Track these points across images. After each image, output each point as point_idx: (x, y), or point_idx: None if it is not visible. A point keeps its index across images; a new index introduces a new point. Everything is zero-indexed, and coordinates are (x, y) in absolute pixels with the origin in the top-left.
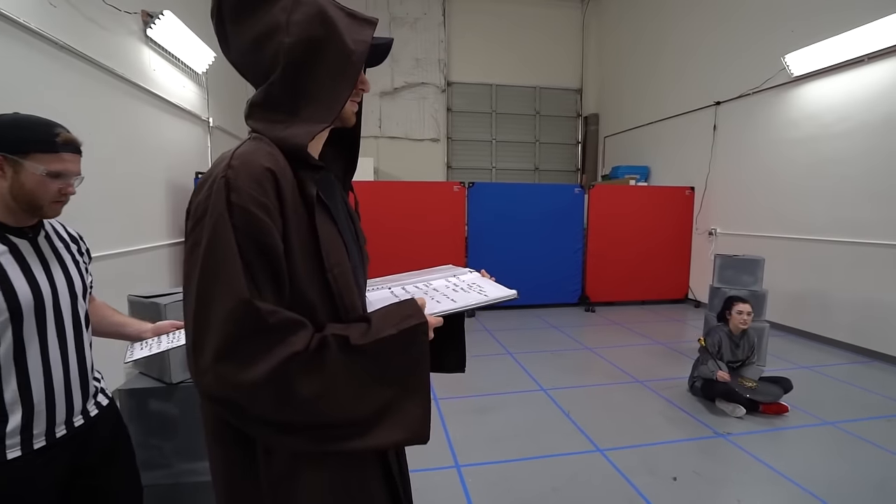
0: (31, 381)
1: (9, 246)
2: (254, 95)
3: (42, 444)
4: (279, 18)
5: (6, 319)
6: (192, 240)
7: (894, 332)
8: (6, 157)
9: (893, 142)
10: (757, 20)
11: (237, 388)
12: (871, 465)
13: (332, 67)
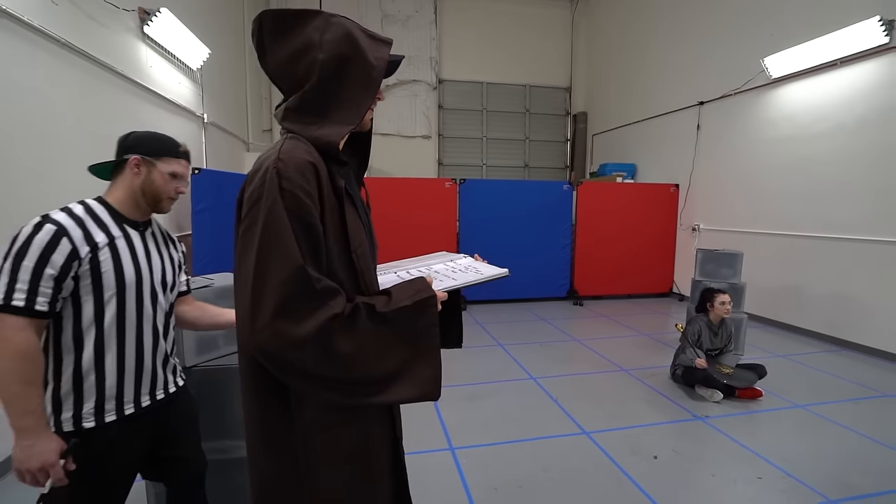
0: (126, 352)
1: (124, 234)
2: (288, 101)
3: (131, 412)
4: (313, 37)
5: (112, 295)
6: (248, 221)
7: (864, 323)
8: (144, 159)
9: (867, 142)
10: (738, 23)
11: (289, 342)
12: (836, 443)
13: (357, 80)
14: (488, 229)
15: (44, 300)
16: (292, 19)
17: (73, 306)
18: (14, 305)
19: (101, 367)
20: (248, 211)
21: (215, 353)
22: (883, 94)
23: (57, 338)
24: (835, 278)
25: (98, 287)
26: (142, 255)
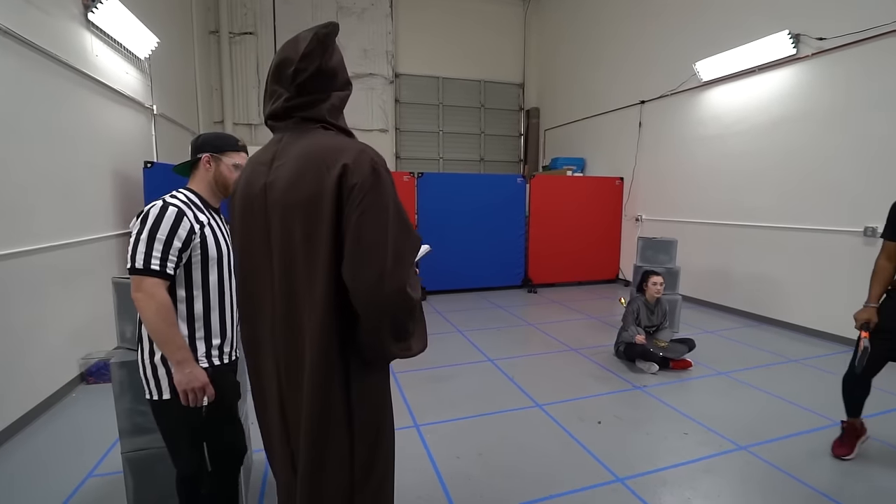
0: (224, 311)
1: (210, 217)
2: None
3: (227, 361)
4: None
5: (213, 263)
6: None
7: (779, 300)
8: (212, 156)
9: (780, 140)
10: (674, 29)
11: (413, 303)
12: (749, 402)
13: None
14: (446, 222)
15: (171, 266)
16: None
17: (185, 272)
18: (153, 269)
19: (208, 321)
20: (364, 196)
21: None
22: (791, 98)
23: (174, 297)
24: (754, 261)
25: (204, 257)
26: (220, 234)
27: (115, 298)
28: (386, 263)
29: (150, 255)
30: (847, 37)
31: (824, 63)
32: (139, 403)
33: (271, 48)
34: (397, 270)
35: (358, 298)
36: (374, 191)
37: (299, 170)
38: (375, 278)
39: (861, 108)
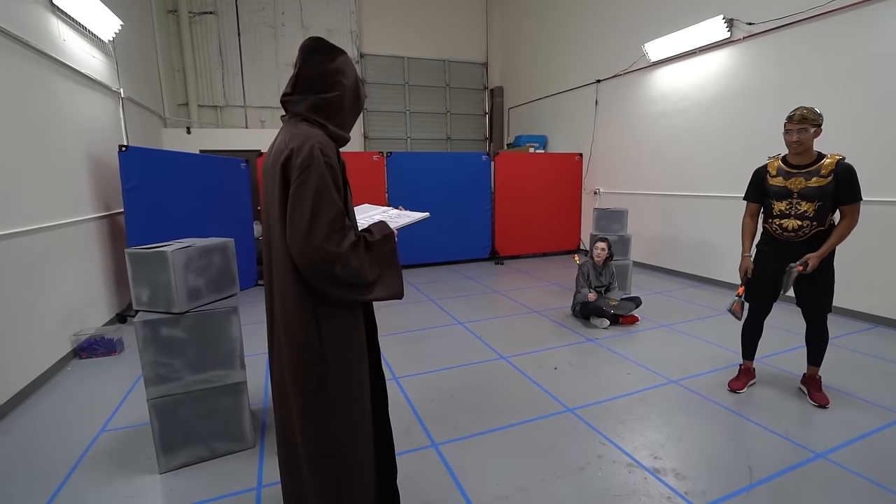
0: None
1: None
2: (313, 100)
3: None
4: (342, 67)
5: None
6: (301, 178)
7: (720, 262)
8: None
9: (719, 117)
10: (625, 12)
11: (331, 256)
12: (684, 348)
13: (356, 106)
14: (416, 199)
15: None
16: (332, 48)
17: None
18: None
19: None
20: (300, 172)
21: (201, 302)
22: (727, 78)
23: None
24: (698, 228)
25: None
26: None
27: (130, 268)
28: (303, 227)
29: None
30: (772, 22)
31: (754, 46)
32: (161, 356)
33: (233, 28)
34: (312, 234)
35: (292, 253)
36: (305, 170)
37: (274, 151)
38: (299, 239)
39: (785, 86)
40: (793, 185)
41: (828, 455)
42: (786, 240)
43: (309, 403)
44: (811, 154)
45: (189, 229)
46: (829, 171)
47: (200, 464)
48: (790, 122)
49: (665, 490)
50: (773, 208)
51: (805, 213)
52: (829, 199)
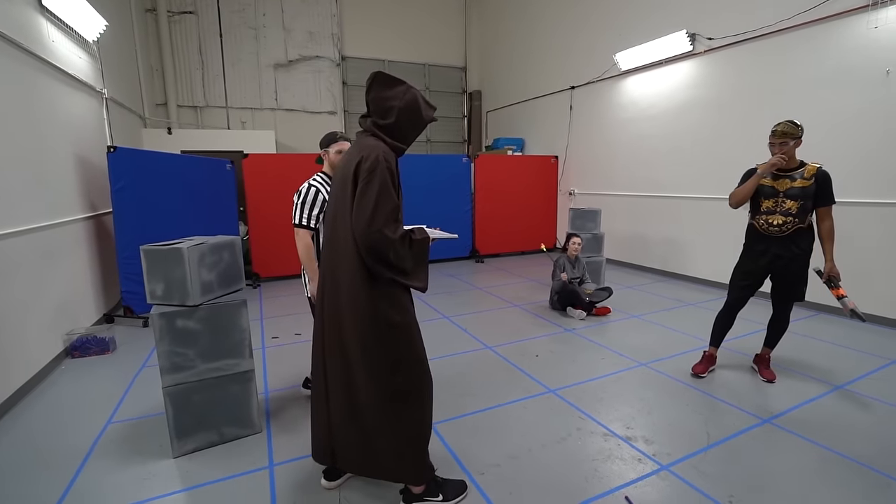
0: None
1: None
2: (377, 120)
3: None
4: (398, 94)
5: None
6: (368, 178)
7: (684, 258)
8: (325, 150)
9: (683, 123)
10: (598, 21)
11: (387, 240)
12: (652, 335)
13: (414, 125)
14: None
15: (314, 222)
16: (392, 80)
17: (323, 224)
18: (303, 224)
19: None
20: (368, 174)
21: (212, 295)
22: (691, 88)
23: (317, 239)
24: (666, 227)
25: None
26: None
27: (145, 264)
28: (367, 213)
29: (301, 216)
30: (729, 38)
31: (714, 59)
32: (176, 346)
33: (214, 28)
34: (375, 219)
35: (357, 234)
36: (372, 172)
37: (347, 159)
38: (364, 222)
39: (743, 97)
40: (780, 186)
41: (772, 420)
42: (771, 234)
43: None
44: (794, 161)
45: (176, 230)
46: (811, 174)
47: (211, 448)
48: (773, 136)
49: (636, 453)
50: (761, 205)
51: (789, 211)
52: (809, 199)
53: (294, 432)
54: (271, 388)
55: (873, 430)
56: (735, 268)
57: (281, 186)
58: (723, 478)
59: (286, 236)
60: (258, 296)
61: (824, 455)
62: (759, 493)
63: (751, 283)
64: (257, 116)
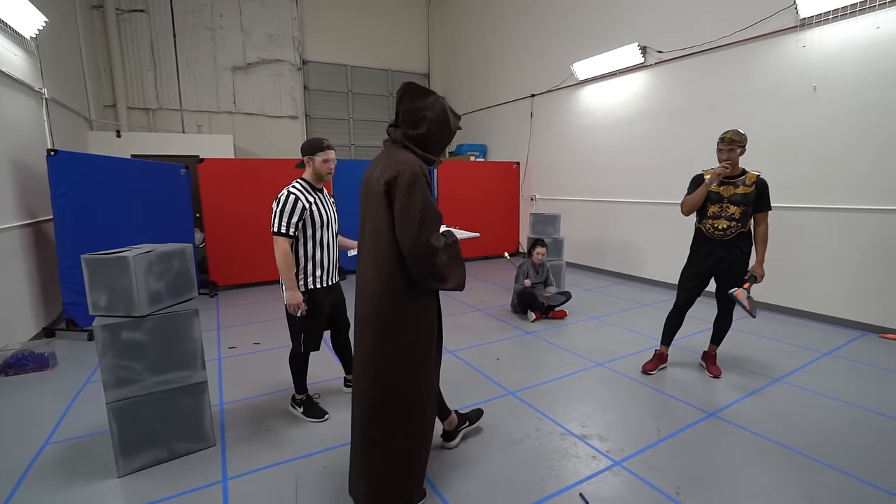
0: (324, 254)
1: (315, 197)
2: (407, 130)
3: (328, 284)
4: (429, 104)
5: (319, 225)
6: (408, 192)
7: (640, 261)
8: (310, 157)
9: (636, 132)
10: (557, 32)
11: (435, 250)
12: (608, 335)
13: (444, 136)
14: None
15: (293, 230)
16: (424, 91)
17: (302, 231)
18: (282, 232)
19: (315, 261)
20: (408, 188)
21: (161, 305)
22: (643, 98)
23: (296, 247)
24: (623, 231)
25: (312, 223)
26: (323, 207)
27: (87, 274)
28: (414, 228)
29: (281, 224)
30: (677, 52)
31: (664, 71)
32: (121, 359)
33: (168, 27)
34: (422, 232)
35: (405, 249)
36: (411, 186)
37: (379, 170)
38: (411, 237)
39: (689, 107)
40: (724, 192)
41: (717, 413)
42: (716, 238)
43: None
44: (738, 168)
45: (124, 237)
46: (752, 182)
47: (161, 465)
48: (722, 143)
49: (591, 451)
50: (708, 210)
51: (733, 216)
52: (750, 205)
53: (249, 444)
54: (227, 399)
55: (807, 420)
56: (683, 270)
57: (239, 192)
58: (671, 470)
59: (245, 243)
60: (215, 305)
61: (764, 445)
62: (704, 483)
63: (697, 284)
64: (215, 120)
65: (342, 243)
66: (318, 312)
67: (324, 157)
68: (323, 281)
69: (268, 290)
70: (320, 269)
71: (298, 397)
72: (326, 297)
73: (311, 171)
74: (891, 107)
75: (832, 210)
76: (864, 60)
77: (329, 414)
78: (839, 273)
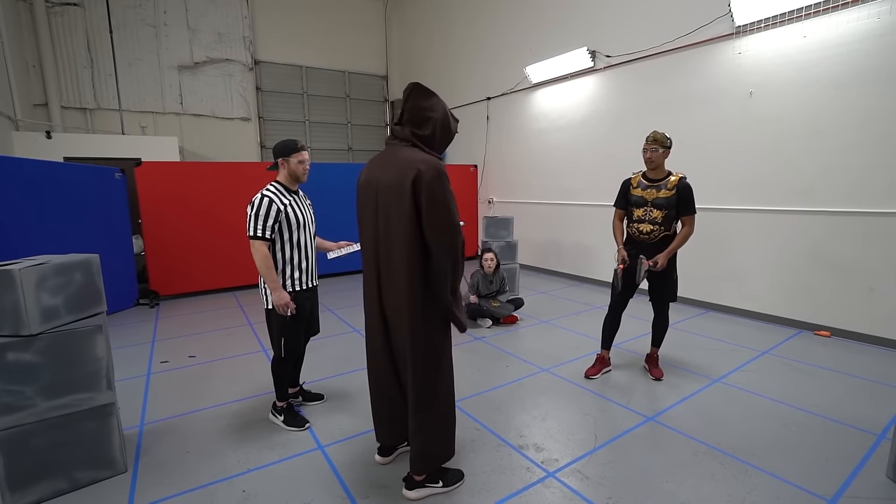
0: (302, 255)
1: (291, 199)
2: (414, 129)
3: (306, 287)
4: (434, 105)
5: (296, 227)
6: (437, 188)
7: (593, 263)
8: (285, 158)
9: (588, 134)
10: (509, 35)
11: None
12: (560, 340)
13: (446, 135)
14: (318, 211)
15: (269, 233)
16: (428, 92)
17: (279, 234)
18: (259, 236)
19: (293, 263)
20: (437, 185)
21: (58, 322)
22: (593, 101)
23: (273, 250)
24: (576, 233)
25: (289, 225)
26: (299, 207)
27: None
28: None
29: (257, 227)
30: (624, 56)
31: (612, 75)
32: (8, 383)
33: (103, 22)
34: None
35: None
36: (440, 183)
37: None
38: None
39: (636, 111)
40: (648, 196)
41: (656, 417)
42: (641, 241)
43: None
44: (662, 170)
45: (48, 246)
46: (674, 185)
47: (60, 497)
48: (646, 142)
49: (525, 462)
50: (633, 214)
51: (655, 220)
52: (673, 209)
53: (167, 468)
54: (150, 419)
55: (739, 421)
56: (614, 273)
57: (182, 196)
58: (604, 479)
59: (189, 250)
60: (154, 316)
61: (697, 448)
62: (636, 492)
63: (627, 286)
64: (160, 121)
65: (320, 245)
66: (297, 316)
67: (298, 158)
68: (302, 283)
69: (214, 298)
70: (298, 271)
71: (279, 405)
72: (306, 299)
73: (286, 172)
74: (820, 112)
75: (767, 212)
76: (795, 67)
77: (310, 423)
78: (775, 272)
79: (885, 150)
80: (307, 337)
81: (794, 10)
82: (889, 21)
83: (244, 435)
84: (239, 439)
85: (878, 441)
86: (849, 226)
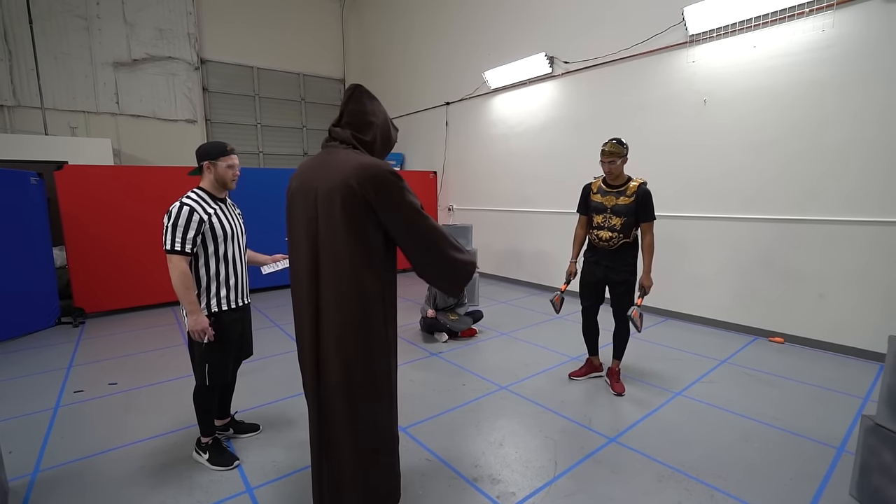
0: (230, 271)
1: (217, 207)
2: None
3: (235, 306)
4: (376, 110)
5: (222, 239)
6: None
7: (554, 271)
8: (211, 162)
9: (547, 140)
10: (467, 40)
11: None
12: (520, 354)
13: (387, 141)
14: (267, 218)
15: (190, 246)
16: (371, 96)
17: (202, 247)
18: (177, 250)
19: (220, 280)
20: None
21: None
22: (551, 107)
23: (196, 265)
24: (537, 241)
25: (213, 237)
26: (226, 217)
27: None
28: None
29: (175, 241)
30: (582, 63)
31: (570, 81)
32: None
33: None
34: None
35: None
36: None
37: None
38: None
39: (594, 117)
40: (607, 202)
41: (618, 438)
42: (601, 248)
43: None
44: (622, 177)
45: None
46: (633, 192)
47: None
48: (602, 155)
49: (480, 498)
50: (593, 220)
51: (615, 227)
52: (632, 215)
53: None
54: (47, 465)
55: (702, 438)
56: (580, 278)
57: (112, 204)
58: None
59: (119, 263)
60: (77, 336)
61: (661, 472)
62: None
63: (592, 293)
64: (92, 121)
65: (252, 259)
66: (225, 338)
67: (228, 163)
68: (230, 301)
69: (150, 314)
70: (226, 288)
71: (204, 441)
72: (235, 320)
73: (212, 178)
74: (771, 121)
75: (721, 219)
76: (747, 76)
77: (240, 460)
78: (730, 279)
79: (836, 158)
80: (238, 362)
81: (745, 20)
82: (833, 34)
83: (160, 478)
84: (153, 484)
85: (837, 455)
86: (799, 233)
